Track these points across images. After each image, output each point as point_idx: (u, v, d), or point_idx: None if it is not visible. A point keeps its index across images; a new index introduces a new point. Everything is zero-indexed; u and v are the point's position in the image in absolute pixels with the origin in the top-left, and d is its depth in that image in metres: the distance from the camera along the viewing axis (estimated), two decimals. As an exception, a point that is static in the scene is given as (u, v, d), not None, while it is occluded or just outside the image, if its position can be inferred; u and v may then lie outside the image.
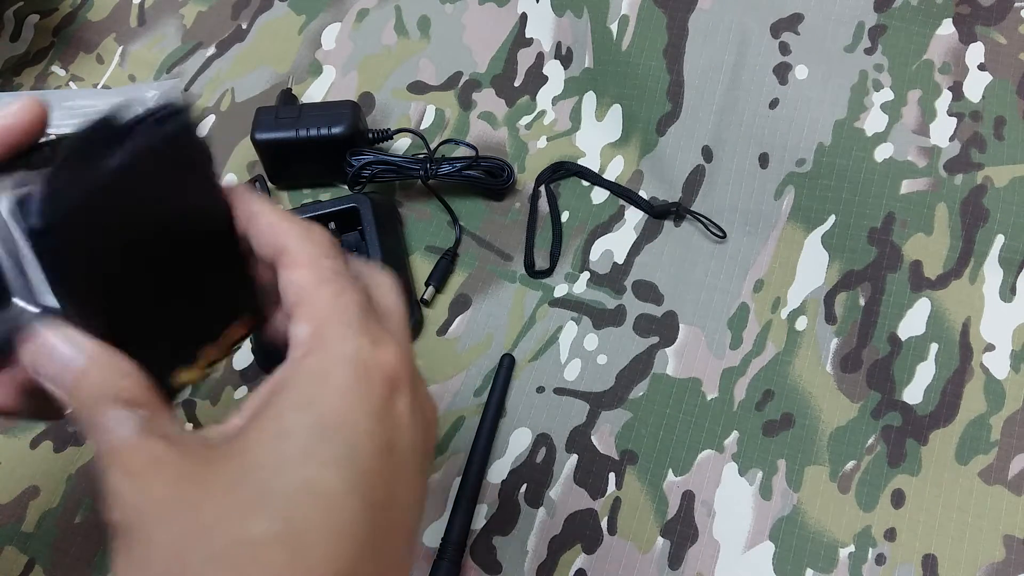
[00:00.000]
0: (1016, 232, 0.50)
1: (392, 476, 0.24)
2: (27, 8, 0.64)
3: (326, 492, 0.23)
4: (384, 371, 0.25)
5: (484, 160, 0.52)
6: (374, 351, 0.25)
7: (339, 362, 0.24)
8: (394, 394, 0.25)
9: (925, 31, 0.55)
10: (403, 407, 0.25)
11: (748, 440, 0.47)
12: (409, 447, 0.25)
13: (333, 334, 0.25)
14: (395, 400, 0.25)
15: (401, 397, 0.25)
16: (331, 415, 0.23)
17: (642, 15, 0.58)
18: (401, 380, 0.25)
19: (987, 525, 0.44)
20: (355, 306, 0.26)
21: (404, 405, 0.25)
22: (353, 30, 0.60)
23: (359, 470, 0.23)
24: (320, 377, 0.24)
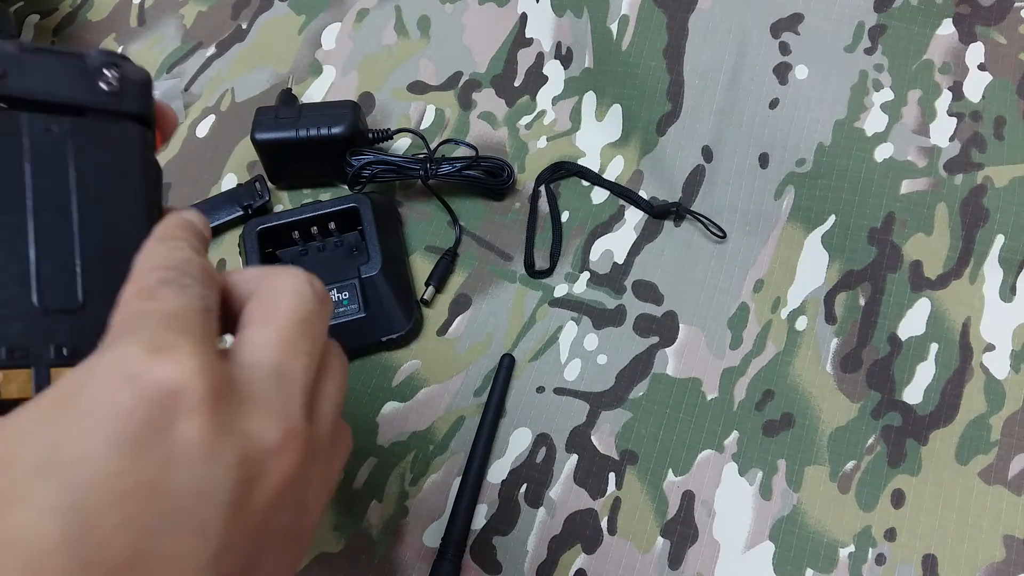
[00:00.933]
0: (1016, 232, 0.50)
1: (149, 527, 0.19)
2: (27, 8, 0.64)
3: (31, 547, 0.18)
4: (156, 387, 0.19)
5: (484, 160, 0.52)
6: (146, 361, 0.19)
7: (97, 377, 0.19)
8: (173, 417, 0.19)
9: (925, 31, 0.55)
10: (189, 435, 0.19)
11: (748, 440, 0.47)
12: (196, 490, 0.20)
13: (106, 344, 0.20)
14: (173, 426, 0.19)
15: (186, 422, 0.19)
16: (68, 445, 0.19)
17: (642, 15, 0.58)
18: (187, 399, 0.19)
19: (987, 525, 0.44)
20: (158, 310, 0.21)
21: (192, 433, 0.19)
22: (353, 30, 0.60)
23: (87, 521, 0.18)
24: (69, 395, 0.19)
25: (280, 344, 0.23)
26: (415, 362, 0.50)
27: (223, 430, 0.20)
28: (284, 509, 0.22)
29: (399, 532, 0.46)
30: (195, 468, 0.20)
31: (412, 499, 0.47)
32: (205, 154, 0.57)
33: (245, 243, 0.50)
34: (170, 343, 0.20)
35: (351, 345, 0.50)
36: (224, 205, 0.54)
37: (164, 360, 0.20)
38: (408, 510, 0.46)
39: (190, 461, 0.19)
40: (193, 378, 0.20)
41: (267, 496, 0.21)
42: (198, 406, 0.20)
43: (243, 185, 0.55)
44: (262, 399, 0.22)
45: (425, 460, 0.47)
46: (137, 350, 0.20)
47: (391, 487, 0.47)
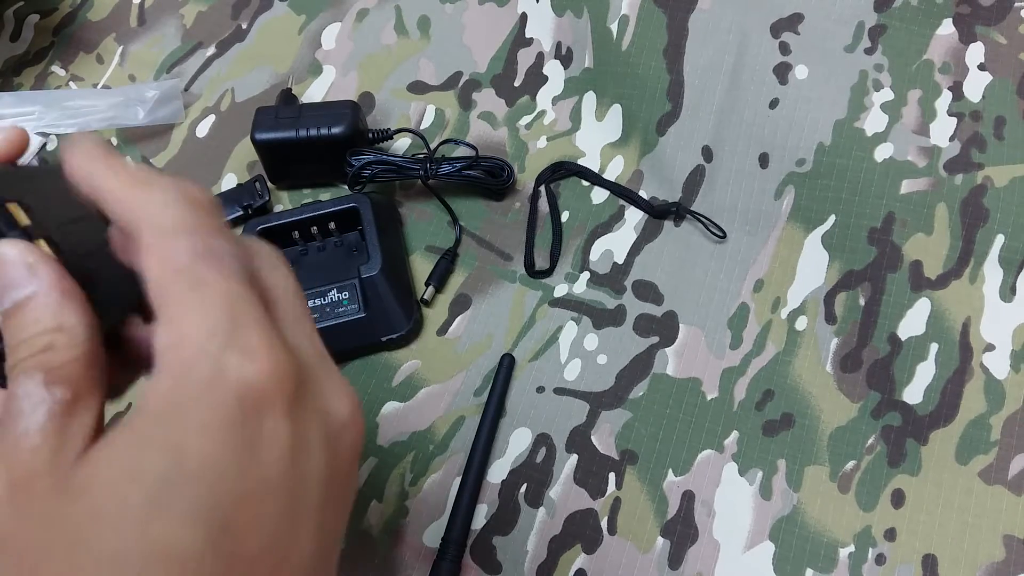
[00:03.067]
0: (1016, 232, 0.50)
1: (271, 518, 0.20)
2: (27, 8, 0.64)
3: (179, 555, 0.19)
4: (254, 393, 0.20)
5: (484, 160, 0.52)
6: (245, 369, 0.20)
7: (198, 387, 0.20)
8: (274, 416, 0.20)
9: (925, 31, 0.55)
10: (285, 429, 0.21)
11: (748, 440, 0.47)
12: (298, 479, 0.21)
13: (190, 347, 0.20)
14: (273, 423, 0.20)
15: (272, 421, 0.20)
16: (191, 455, 0.19)
17: (642, 15, 0.58)
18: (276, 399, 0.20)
19: (987, 525, 0.44)
20: (219, 302, 0.20)
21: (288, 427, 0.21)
22: (353, 30, 0.60)
23: (224, 523, 0.19)
24: (177, 407, 0.20)
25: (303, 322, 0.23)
26: (415, 362, 0.50)
27: (306, 415, 0.21)
28: (353, 477, 0.24)
29: (399, 532, 0.46)
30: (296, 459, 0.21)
31: (412, 499, 0.47)
32: (205, 154, 0.57)
33: (245, 243, 0.50)
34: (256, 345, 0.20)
35: (351, 345, 0.50)
36: (224, 205, 0.54)
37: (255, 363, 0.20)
38: (408, 510, 0.46)
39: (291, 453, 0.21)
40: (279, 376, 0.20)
41: (345, 468, 0.23)
42: (283, 402, 0.21)
43: (243, 185, 0.55)
44: (326, 378, 0.23)
45: (425, 460, 0.47)
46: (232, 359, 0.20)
47: (391, 487, 0.47)
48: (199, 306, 0.20)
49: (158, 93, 0.57)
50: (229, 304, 0.21)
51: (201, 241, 0.21)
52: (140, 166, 0.23)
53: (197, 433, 0.20)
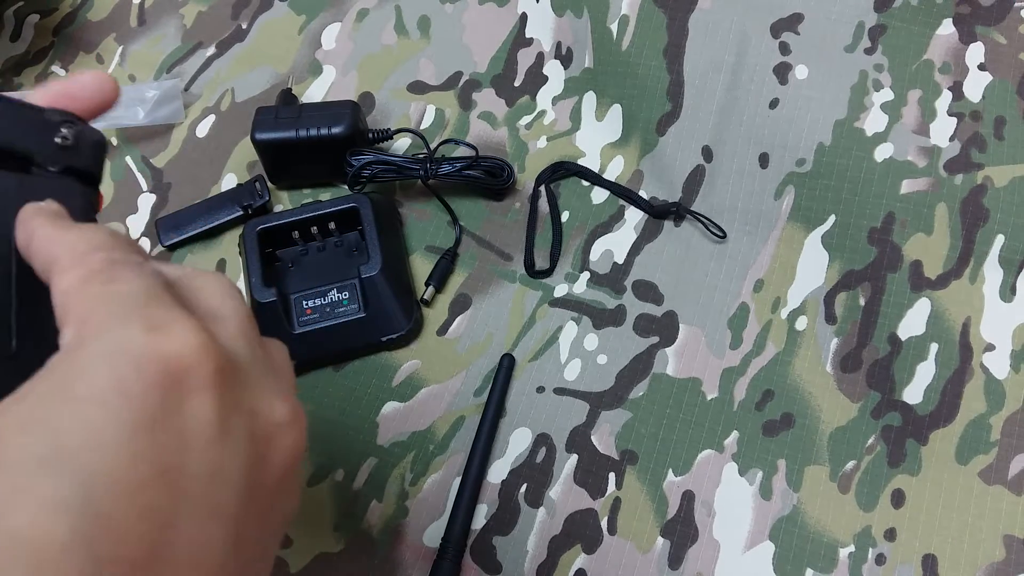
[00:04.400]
0: (1016, 232, 0.50)
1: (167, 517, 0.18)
2: (27, 8, 0.64)
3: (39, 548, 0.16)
4: (164, 365, 0.18)
5: (484, 160, 0.52)
6: (149, 339, 0.18)
7: (92, 361, 0.18)
8: (183, 396, 0.18)
9: (925, 31, 0.55)
10: (201, 414, 0.19)
11: (748, 440, 0.47)
12: (212, 470, 0.19)
13: (91, 328, 0.19)
14: (184, 404, 0.18)
15: (197, 399, 0.19)
16: (71, 434, 0.17)
17: (642, 15, 0.58)
18: (198, 377, 0.19)
19: (987, 525, 0.44)
20: (134, 291, 0.19)
21: (204, 411, 0.19)
22: (353, 30, 0.60)
23: (96, 513, 0.17)
24: (62, 385, 0.18)
25: (244, 337, 0.22)
26: (415, 362, 0.50)
27: (233, 407, 0.19)
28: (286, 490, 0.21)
29: (399, 532, 0.46)
30: (210, 449, 0.19)
31: (412, 499, 0.47)
32: (205, 154, 0.57)
33: (245, 243, 0.50)
34: (167, 320, 0.19)
35: (351, 345, 0.50)
36: (224, 205, 0.54)
37: (167, 337, 0.18)
38: (408, 510, 0.46)
39: (205, 441, 0.18)
40: (199, 353, 0.19)
41: (275, 476, 0.21)
42: (208, 383, 0.19)
43: (243, 185, 0.55)
44: (260, 377, 0.21)
45: (425, 460, 0.47)
46: (135, 330, 0.18)
47: (391, 487, 0.47)
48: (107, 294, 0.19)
49: (158, 93, 0.57)
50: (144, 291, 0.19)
51: (117, 253, 0.21)
52: None
53: (83, 407, 0.17)
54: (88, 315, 0.19)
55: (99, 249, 0.21)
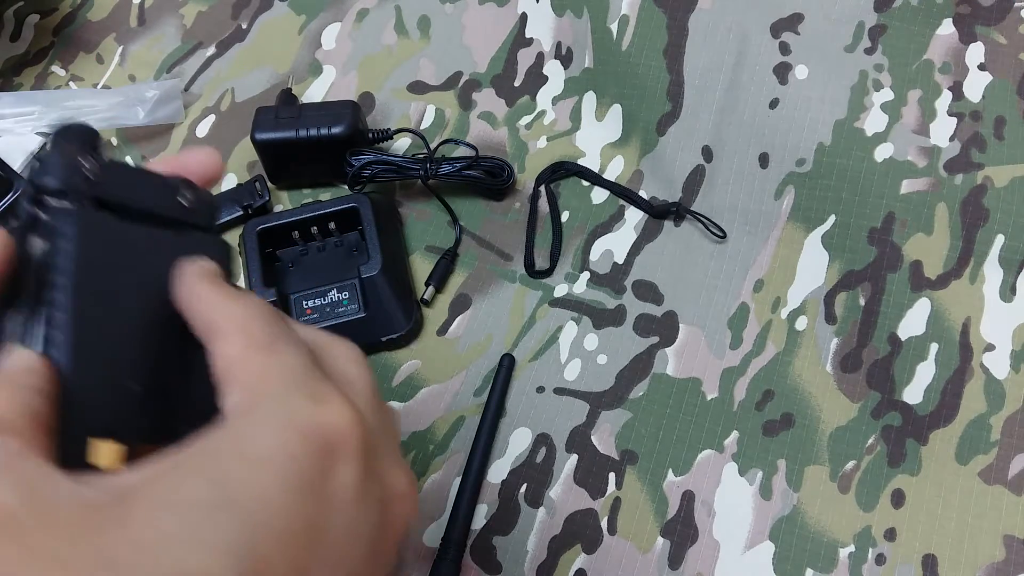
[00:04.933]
0: (1016, 232, 0.50)
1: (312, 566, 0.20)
2: (27, 8, 0.64)
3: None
4: (323, 434, 0.21)
5: (484, 160, 0.52)
6: (313, 410, 0.21)
7: (265, 427, 0.20)
8: (335, 464, 0.21)
9: (925, 31, 0.55)
10: (347, 480, 0.21)
11: (748, 440, 0.47)
12: (348, 531, 0.21)
13: (262, 395, 0.21)
14: (335, 471, 0.21)
15: (345, 468, 0.21)
16: (237, 488, 0.19)
17: (642, 15, 0.58)
18: (348, 447, 0.21)
19: (987, 525, 0.44)
20: (293, 363, 0.22)
21: (349, 478, 0.21)
22: (353, 30, 0.60)
23: (256, 558, 0.19)
24: (236, 443, 0.20)
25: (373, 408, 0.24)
26: (415, 362, 0.50)
27: (371, 476, 0.22)
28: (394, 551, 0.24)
29: (399, 532, 0.46)
30: (349, 510, 0.21)
31: (412, 499, 0.47)
32: (205, 154, 0.57)
33: (245, 243, 0.50)
34: (325, 394, 0.22)
35: (351, 345, 0.50)
36: (224, 205, 0.54)
37: (327, 410, 0.21)
38: (408, 510, 0.46)
39: (346, 503, 0.21)
40: (352, 426, 0.21)
41: (393, 539, 0.23)
42: (355, 453, 0.21)
43: (243, 185, 0.55)
44: (386, 446, 0.23)
45: (425, 460, 0.47)
46: (301, 401, 0.21)
47: (391, 487, 0.47)
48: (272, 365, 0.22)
49: (158, 93, 0.57)
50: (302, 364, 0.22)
51: (276, 328, 0.23)
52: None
53: (252, 465, 0.20)
54: (256, 383, 0.22)
55: (257, 320, 0.23)
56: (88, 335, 0.23)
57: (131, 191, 0.26)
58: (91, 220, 0.24)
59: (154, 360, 0.25)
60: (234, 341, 0.23)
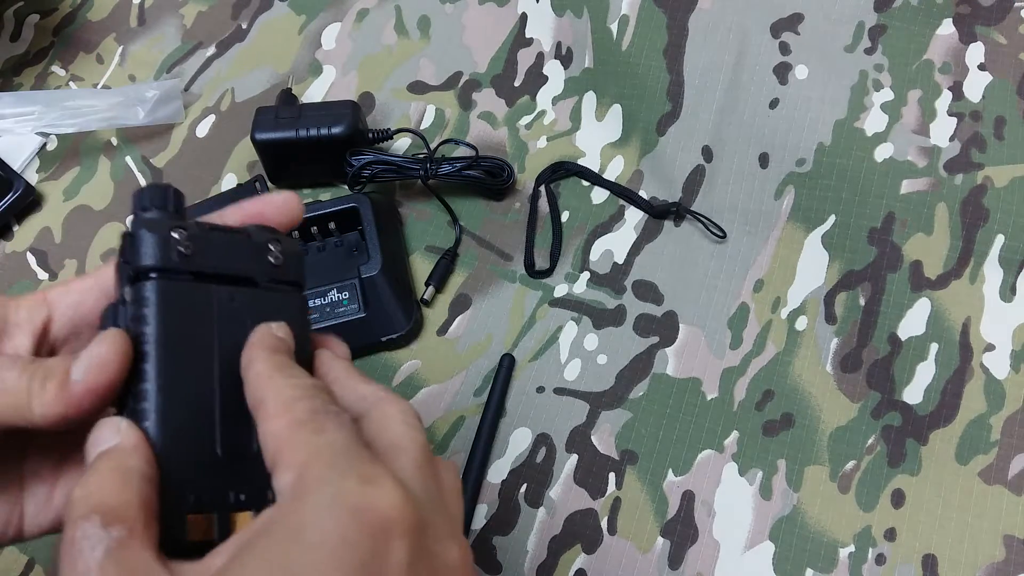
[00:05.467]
0: (1016, 232, 0.50)
1: None
2: (27, 8, 0.64)
3: None
4: (376, 516, 0.21)
5: (484, 160, 0.52)
6: (363, 493, 0.22)
7: (319, 511, 0.21)
8: (388, 544, 0.22)
9: (925, 31, 0.55)
10: (399, 558, 0.22)
11: (748, 440, 0.47)
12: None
13: (313, 478, 0.22)
14: (388, 552, 0.21)
15: (396, 547, 0.22)
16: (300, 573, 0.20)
17: (642, 15, 0.58)
18: (399, 527, 0.22)
19: (987, 525, 0.44)
20: (339, 443, 0.23)
21: (402, 557, 0.22)
22: (353, 30, 0.60)
23: None
24: (296, 531, 0.21)
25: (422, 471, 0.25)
26: (415, 362, 0.50)
27: (423, 553, 0.22)
28: None
29: (399, 532, 0.46)
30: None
31: (412, 499, 0.47)
32: (205, 154, 0.57)
33: (245, 243, 0.50)
34: (374, 475, 0.22)
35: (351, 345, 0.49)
36: (224, 205, 0.54)
37: (377, 491, 0.22)
38: (408, 510, 0.46)
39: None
40: (403, 507, 0.22)
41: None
42: (407, 532, 0.22)
43: (243, 185, 0.55)
44: (440, 522, 0.24)
45: (425, 460, 0.47)
46: (352, 483, 0.22)
47: (391, 487, 0.47)
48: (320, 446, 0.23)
49: (158, 93, 0.57)
50: (348, 445, 0.23)
51: (319, 404, 0.24)
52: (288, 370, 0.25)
53: (314, 552, 0.20)
54: (305, 464, 0.22)
55: (303, 399, 0.24)
56: (175, 405, 0.24)
57: (221, 258, 0.26)
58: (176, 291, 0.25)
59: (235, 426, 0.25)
60: (279, 419, 0.23)
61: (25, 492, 0.28)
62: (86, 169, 0.58)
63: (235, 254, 0.27)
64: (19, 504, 0.28)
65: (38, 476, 0.29)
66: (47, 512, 0.28)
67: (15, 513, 0.28)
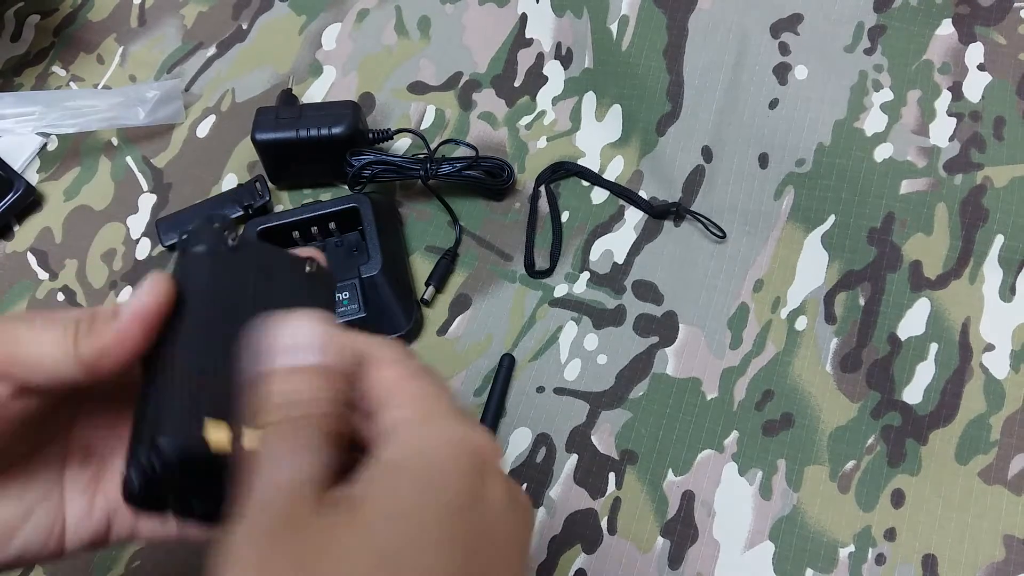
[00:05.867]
0: (1016, 232, 0.50)
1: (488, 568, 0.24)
2: (28, 8, 0.64)
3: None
4: (478, 452, 0.25)
5: (484, 160, 0.52)
6: (468, 431, 0.25)
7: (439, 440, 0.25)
8: (487, 477, 0.25)
9: (925, 31, 0.55)
10: (499, 491, 0.25)
11: (748, 440, 0.47)
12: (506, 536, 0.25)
13: (437, 417, 0.25)
14: (489, 484, 0.25)
15: (494, 480, 0.25)
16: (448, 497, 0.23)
17: (642, 15, 0.58)
18: (492, 463, 0.25)
19: (987, 525, 0.44)
20: (448, 396, 0.27)
21: (500, 489, 0.25)
22: (353, 30, 0.61)
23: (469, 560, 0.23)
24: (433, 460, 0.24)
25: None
26: (415, 362, 0.50)
27: (510, 485, 0.26)
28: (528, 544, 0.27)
29: (399, 532, 0.46)
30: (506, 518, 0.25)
31: (412, 499, 0.47)
32: (205, 154, 0.57)
33: (245, 243, 0.50)
34: (468, 418, 0.26)
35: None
36: (224, 205, 0.54)
37: (476, 432, 0.25)
38: (408, 510, 0.46)
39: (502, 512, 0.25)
40: (492, 444, 0.26)
41: (529, 539, 0.27)
42: (498, 467, 0.26)
43: (243, 185, 0.55)
44: None
45: (425, 460, 0.47)
46: (465, 426, 0.25)
47: (391, 487, 0.47)
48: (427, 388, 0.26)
49: (159, 93, 0.57)
50: (449, 394, 0.27)
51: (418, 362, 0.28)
52: None
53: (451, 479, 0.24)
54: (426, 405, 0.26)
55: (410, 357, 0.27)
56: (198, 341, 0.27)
57: (264, 257, 0.30)
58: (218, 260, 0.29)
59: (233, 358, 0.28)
60: (395, 370, 0.27)
61: (66, 500, 0.29)
62: (86, 169, 0.58)
63: (276, 262, 0.31)
64: (61, 512, 0.29)
65: (78, 485, 0.30)
66: (88, 524, 0.29)
67: (58, 522, 0.29)
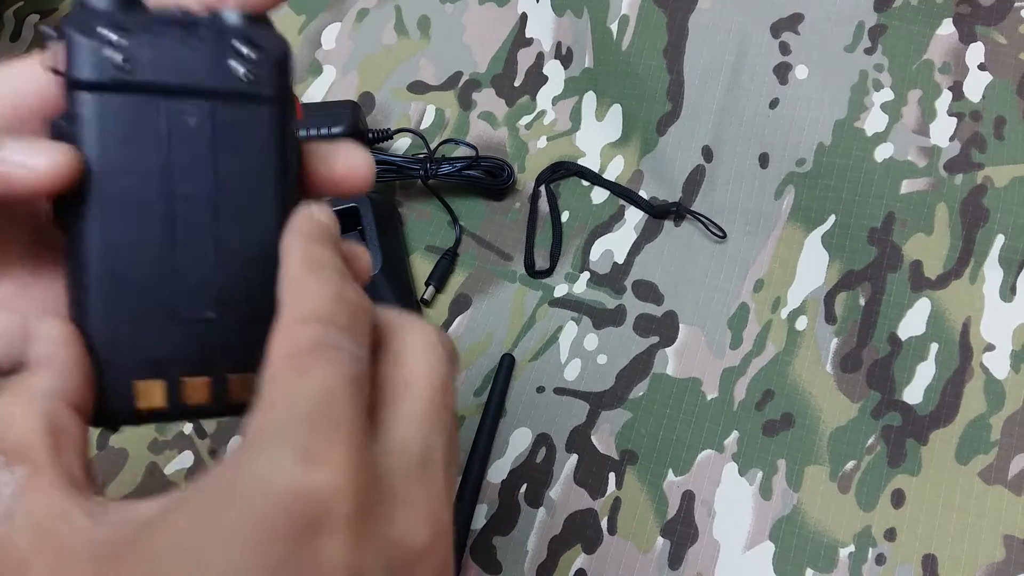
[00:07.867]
0: (1016, 232, 0.50)
1: None
2: (27, 8, 0.64)
3: None
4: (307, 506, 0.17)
5: (484, 160, 0.52)
6: (298, 473, 0.18)
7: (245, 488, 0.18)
8: (316, 541, 0.18)
9: (925, 31, 0.55)
10: (335, 556, 0.18)
11: (748, 440, 0.47)
12: None
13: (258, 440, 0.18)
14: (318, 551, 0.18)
15: (331, 541, 0.18)
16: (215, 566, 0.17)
17: (642, 15, 0.58)
18: (335, 517, 0.18)
19: (987, 525, 0.44)
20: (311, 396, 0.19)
21: (338, 554, 0.18)
22: (353, 30, 0.61)
23: None
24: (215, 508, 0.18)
25: (423, 421, 0.21)
26: (415, 362, 0.50)
27: (370, 542, 0.18)
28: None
29: (399, 532, 0.46)
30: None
31: (412, 499, 0.47)
32: (205, 154, 0.57)
33: (245, 243, 0.50)
34: (324, 449, 0.18)
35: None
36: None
37: (317, 474, 0.18)
38: (408, 510, 0.46)
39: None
40: (345, 493, 0.18)
41: None
42: (345, 523, 0.18)
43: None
44: (410, 497, 0.20)
45: (425, 460, 0.47)
46: (289, 461, 0.18)
47: (391, 487, 0.47)
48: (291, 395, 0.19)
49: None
50: (320, 401, 0.19)
51: (327, 334, 0.20)
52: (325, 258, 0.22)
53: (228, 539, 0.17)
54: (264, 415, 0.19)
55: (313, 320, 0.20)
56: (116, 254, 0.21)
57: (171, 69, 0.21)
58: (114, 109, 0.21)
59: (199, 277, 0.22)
60: (280, 344, 0.20)
61: None
62: (86, 169, 0.58)
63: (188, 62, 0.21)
64: None
65: None
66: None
67: None
